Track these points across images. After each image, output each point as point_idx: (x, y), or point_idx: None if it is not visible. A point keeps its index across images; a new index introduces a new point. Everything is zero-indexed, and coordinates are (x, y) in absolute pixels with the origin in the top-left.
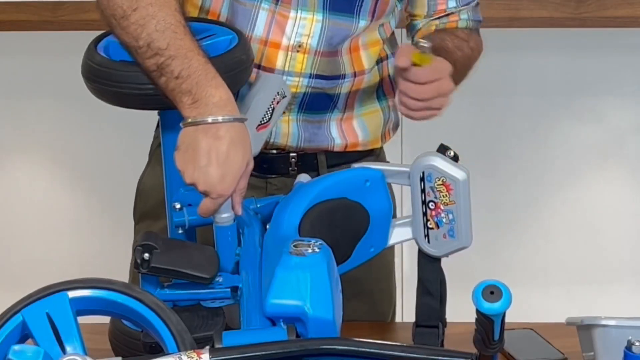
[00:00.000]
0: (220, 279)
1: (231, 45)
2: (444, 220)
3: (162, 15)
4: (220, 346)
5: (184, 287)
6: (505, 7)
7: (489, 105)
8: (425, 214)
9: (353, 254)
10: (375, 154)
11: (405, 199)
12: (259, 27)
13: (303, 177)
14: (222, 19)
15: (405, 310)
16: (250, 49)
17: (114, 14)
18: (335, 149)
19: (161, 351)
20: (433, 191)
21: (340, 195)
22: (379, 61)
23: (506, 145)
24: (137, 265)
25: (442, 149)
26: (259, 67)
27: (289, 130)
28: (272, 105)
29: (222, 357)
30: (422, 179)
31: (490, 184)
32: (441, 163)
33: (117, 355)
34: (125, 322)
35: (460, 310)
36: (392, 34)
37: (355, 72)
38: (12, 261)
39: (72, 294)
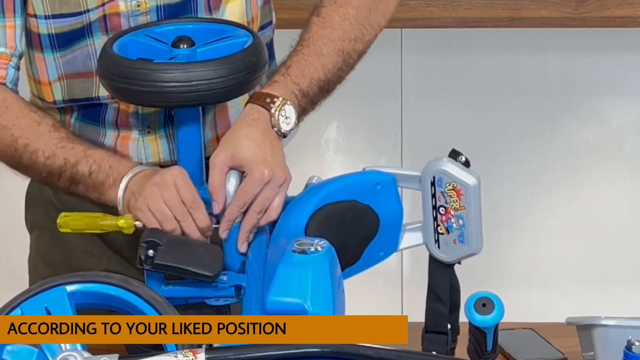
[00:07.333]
0: (224, 278)
1: (245, 47)
2: (454, 225)
3: (42, 144)
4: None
5: (189, 284)
6: (505, 7)
7: (489, 105)
8: (435, 219)
9: (362, 257)
10: None
11: (411, 204)
12: None
13: (314, 179)
14: None
15: (406, 310)
16: (263, 51)
17: (8, 162)
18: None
19: (161, 348)
20: (444, 196)
21: (350, 198)
22: None
23: (506, 145)
24: (141, 261)
25: (454, 154)
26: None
27: (158, 149)
28: None
29: (218, 356)
30: (432, 184)
31: (490, 184)
32: (452, 168)
33: (118, 351)
34: None
35: (460, 310)
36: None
37: None
38: (12, 261)
39: (70, 288)
